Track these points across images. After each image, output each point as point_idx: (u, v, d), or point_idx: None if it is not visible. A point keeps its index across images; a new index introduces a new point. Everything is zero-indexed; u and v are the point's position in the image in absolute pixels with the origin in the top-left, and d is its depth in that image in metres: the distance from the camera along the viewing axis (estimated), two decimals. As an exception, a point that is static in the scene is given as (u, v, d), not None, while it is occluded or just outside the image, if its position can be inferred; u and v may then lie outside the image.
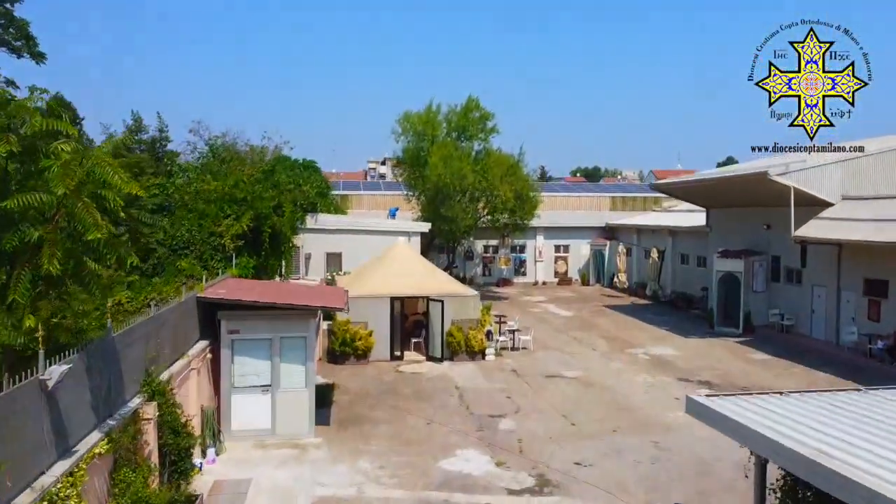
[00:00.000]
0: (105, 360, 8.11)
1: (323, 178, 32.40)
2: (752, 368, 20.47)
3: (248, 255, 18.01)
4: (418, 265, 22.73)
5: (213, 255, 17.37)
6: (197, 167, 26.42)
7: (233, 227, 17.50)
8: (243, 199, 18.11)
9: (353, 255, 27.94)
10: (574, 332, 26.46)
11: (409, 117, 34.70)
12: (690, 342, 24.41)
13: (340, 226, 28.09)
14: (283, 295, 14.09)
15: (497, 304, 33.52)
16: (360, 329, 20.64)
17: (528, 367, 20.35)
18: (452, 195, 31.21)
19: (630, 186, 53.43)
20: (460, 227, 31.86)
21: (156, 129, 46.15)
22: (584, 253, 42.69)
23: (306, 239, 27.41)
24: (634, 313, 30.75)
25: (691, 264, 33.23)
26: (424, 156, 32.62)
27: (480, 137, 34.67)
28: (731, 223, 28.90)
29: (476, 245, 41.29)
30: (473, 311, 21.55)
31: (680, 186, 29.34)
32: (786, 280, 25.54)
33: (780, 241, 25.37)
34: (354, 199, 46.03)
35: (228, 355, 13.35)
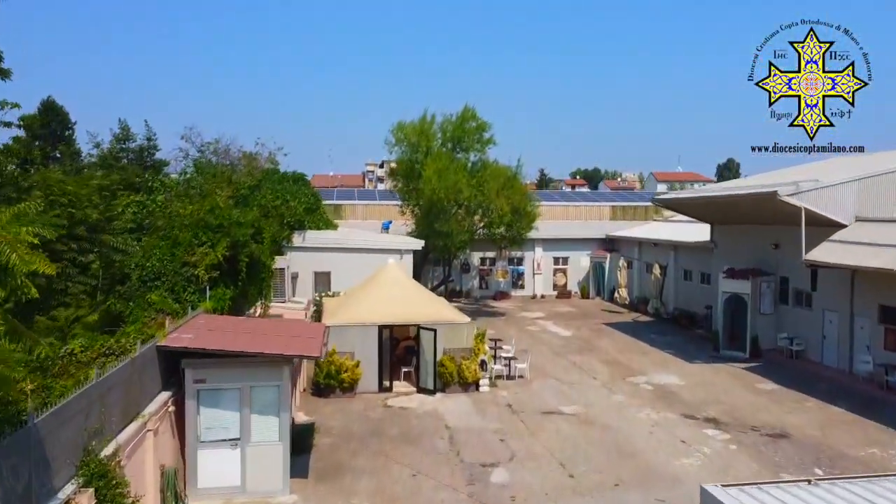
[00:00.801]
0: (24, 454, 6.94)
1: (312, 192, 31.25)
2: (761, 401, 19.30)
3: (225, 285, 16.84)
4: (409, 289, 21.56)
5: (186, 287, 16.19)
6: (178, 183, 25.26)
7: (208, 255, 16.33)
8: (219, 225, 16.95)
9: (342, 274, 26.78)
10: (573, 355, 25.30)
11: (403, 127, 33.54)
12: (695, 368, 23.24)
13: (329, 243, 26.91)
14: (257, 338, 12.94)
15: (493, 320, 32.45)
16: (347, 360, 19.47)
17: (524, 401, 19.18)
18: (447, 209, 30.06)
19: (631, 195, 52.28)
20: (455, 242, 30.71)
21: (143, 138, 45.07)
22: (584, 265, 41.53)
23: (293, 258, 26.26)
24: (636, 333, 29.58)
25: (694, 280, 32.06)
26: (419, 168, 31.47)
27: (476, 148, 33.52)
28: (736, 240, 27.75)
29: (473, 257, 40.15)
30: (467, 339, 20.38)
31: (684, 202, 28.18)
32: (795, 303, 24.38)
33: (788, 261, 24.21)
34: (348, 209, 44.96)
35: (194, 407, 12.18)
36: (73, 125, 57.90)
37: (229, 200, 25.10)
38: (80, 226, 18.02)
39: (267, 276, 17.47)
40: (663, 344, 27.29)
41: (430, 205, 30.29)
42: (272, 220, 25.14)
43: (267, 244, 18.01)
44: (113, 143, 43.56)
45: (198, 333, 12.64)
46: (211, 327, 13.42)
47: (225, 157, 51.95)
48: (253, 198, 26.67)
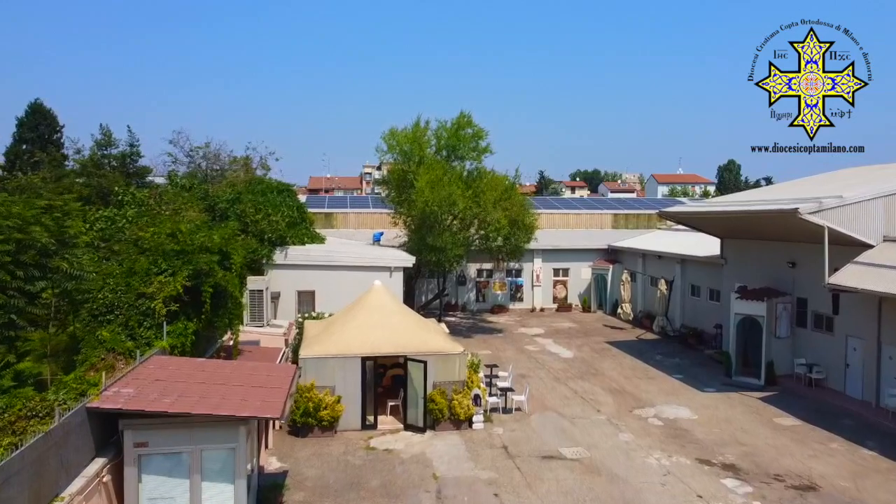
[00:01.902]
0: None
1: (297, 205, 29.45)
2: (783, 441, 17.52)
3: (188, 318, 15.04)
4: (396, 314, 19.77)
5: (142, 322, 14.41)
6: (150, 197, 23.50)
7: (166, 286, 14.54)
8: (181, 251, 15.16)
9: (327, 293, 25.05)
10: (575, 381, 23.53)
11: (395, 134, 31.74)
12: (707, 399, 21.47)
13: (313, 261, 25.12)
14: (211, 391, 11.15)
15: (489, 338, 30.73)
16: (326, 396, 17.71)
17: (521, 442, 17.40)
18: (440, 222, 28.29)
19: (634, 202, 50.51)
20: (449, 257, 28.93)
21: (126, 144, 43.34)
22: (585, 277, 39.77)
23: (274, 276, 24.51)
24: (641, 354, 27.80)
25: (703, 297, 30.30)
26: (411, 178, 29.68)
27: (472, 157, 31.72)
28: (749, 256, 26.00)
29: (469, 269, 38.40)
30: (459, 371, 18.61)
31: (693, 217, 26.40)
32: (814, 326, 22.61)
33: (807, 281, 22.48)
34: (340, 217, 43.23)
35: (134, 475, 10.41)
36: (61, 129, 56.31)
37: (204, 215, 23.37)
38: (30, 250, 16.24)
39: (235, 307, 15.67)
40: (671, 367, 25.53)
41: (422, 217, 28.51)
42: (249, 239, 23.41)
43: (236, 270, 16.22)
44: (94, 150, 41.86)
45: (141, 387, 10.87)
46: (160, 376, 11.64)
47: (215, 161, 50.35)
48: (232, 211, 24.94)
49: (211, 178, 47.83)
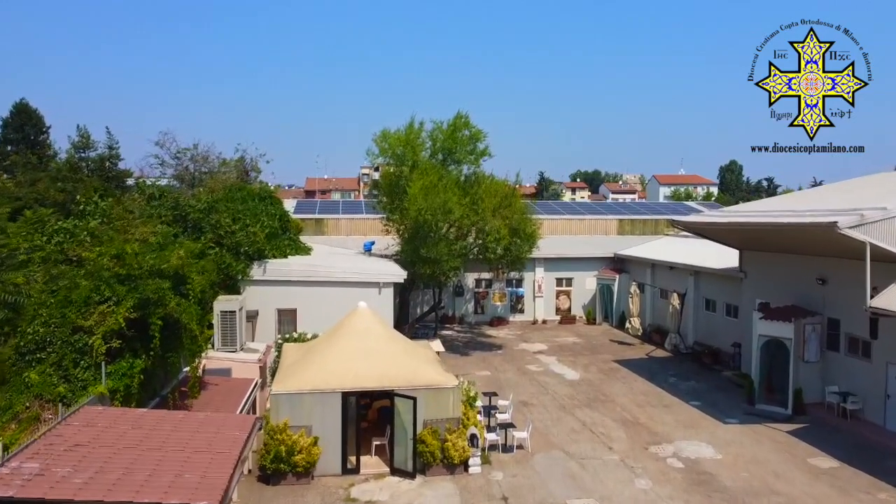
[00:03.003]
0: None
1: (281, 213, 27.25)
2: (822, 489, 15.32)
3: (134, 354, 12.86)
4: (383, 341, 17.56)
5: (79, 361, 12.24)
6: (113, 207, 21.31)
7: (108, 317, 12.37)
8: (127, 276, 12.99)
9: (310, 311, 22.86)
10: (583, 410, 21.34)
11: (388, 136, 29.50)
12: (730, 432, 19.29)
13: (295, 276, 22.89)
14: (141, 459, 8.96)
15: (488, 356, 28.57)
16: (301, 437, 15.50)
17: (524, 491, 15.20)
18: (435, 232, 26.07)
19: (640, 207, 48.35)
20: (444, 270, 26.73)
21: (105, 146, 41.18)
22: (590, 287, 37.54)
23: (251, 294, 22.30)
24: (653, 375, 25.59)
25: (718, 312, 28.10)
26: (403, 184, 27.48)
27: (470, 160, 29.51)
28: (771, 271, 23.81)
29: (467, 279, 36.16)
30: (453, 407, 16.41)
31: (708, 227, 24.18)
32: (848, 351, 20.43)
33: (840, 300, 20.33)
34: (331, 224, 41.10)
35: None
36: (48, 129, 54.14)
37: (171, 227, 21.20)
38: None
39: (190, 342, 13.46)
40: (687, 392, 23.33)
41: (415, 227, 26.30)
42: (223, 253, 21.22)
43: (195, 296, 14.02)
44: (70, 152, 39.61)
45: (51, 458, 8.69)
46: (82, 439, 9.46)
47: (203, 164, 48.13)
48: (206, 222, 22.75)
49: (199, 181, 45.72)
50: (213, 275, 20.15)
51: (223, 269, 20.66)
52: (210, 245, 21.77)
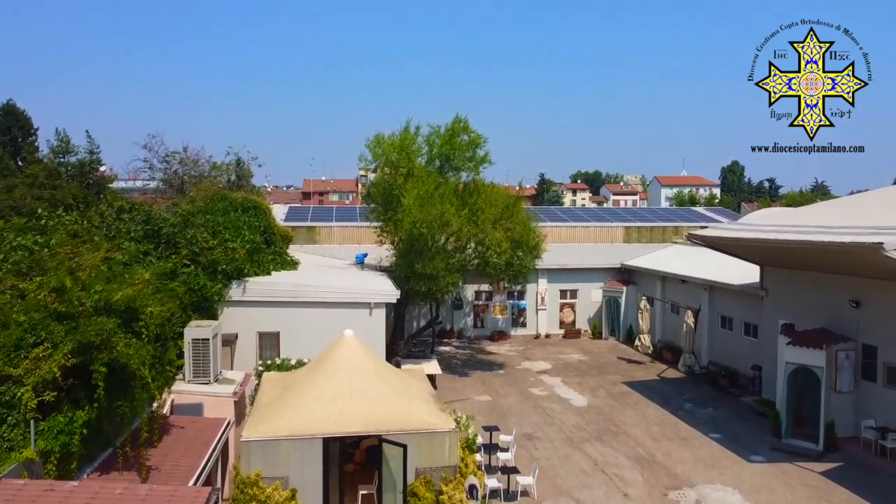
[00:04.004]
0: None
1: (266, 224, 25.33)
2: (870, 550, 13.45)
3: (76, 405, 10.95)
4: (370, 375, 15.61)
5: (6, 418, 10.32)
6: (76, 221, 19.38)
7: (42, 364, 10.47)
8: (66, 314, 11.09)
9: (295, 334, 20.93)
10: (593, 444, 19.43)
11: (382, 142, 27.58)
12: (757, 472, 17.37)
13: (278, 296, 20.93)
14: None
15: (488, 377, 26.70)
16: (276, 491, 13.57)
17: (530, 554, 13.32)
18: (431, 246, 24.16)
19: (646, 213, 46.43)
20: (441, 286, 24.82)
21: (85, 151, 39.24)
22: (595, 300, 35.64)
23: (231, 315, 20.39)
24: (667, 402, 23.64)
25: (736, 331, 26.19)
26: (397, 193, 25.57)
27: (469, 167, 27.59)
28: (796, 289, 21.93)
29: (466, 291, 34.24)
30: (450, 454, 14.49)
31: (728, 243, 22.24)
32: (886, 382, 18.54)
33: (877, 325, 18.48)
34: (324, 232, 39.18)
35: None
36: (36, 131, 52.23)
37: (142, 245, 19.28)
38: None
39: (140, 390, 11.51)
40: (705, 421, 21.42)
41: (410, 240, 24.40)
42: (198, 273, 19.29)
43: (150, 334, 12.08)
44: (49, 158, 37.66)
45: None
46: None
47: (193, 168, 46.14)
48: (182, 237, 20.81)
49: (188, 185, 43.81)
50: (186, 297, 18.26)
51: (197, 290, 18.73)
52: (185, 262, 19.85)
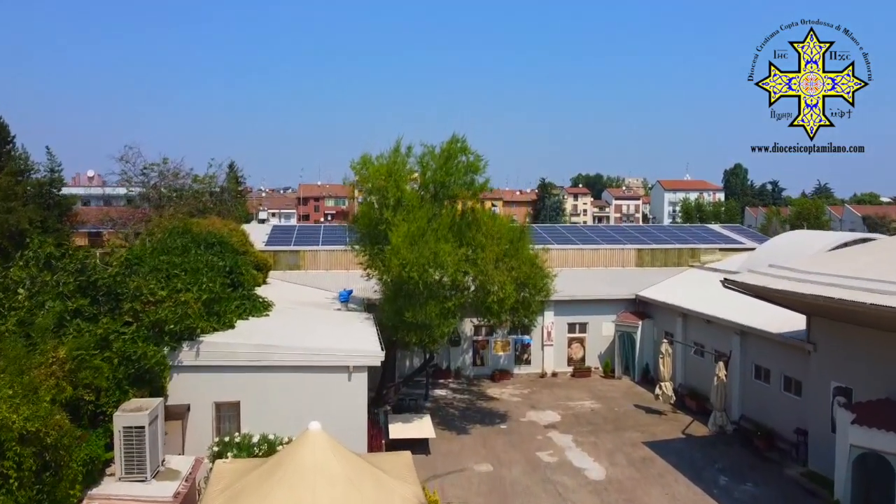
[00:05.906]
0: None
1: (233, 263, 21.99)
2: None
3: None
4: (338, 484, 12.23)
5: None
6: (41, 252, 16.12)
7: None
8: None
9: (258, 403, 17.53)
10: (615, 543, 16.06)
11: (368, 163, 24.18)
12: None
13: (238, 359, 17.51)
14: None
15: (489, 435, 23.40)
16: None
17: None
18: (422, 292, 20.79)
19: (662, 233, 43.01)
20: (434, 336, 21.47)
21: (46, 170, 36.00)
22: (607, 334, 32.30)
23: (181, 382, 17.02)
24: (699, 473, 20.21)
25: (773, 384, 22.79)
26: (384, 228, 22.21)
27: (466, 195, 24.19)
28: (852, 346, 18.55)
29: (464, 325, 30.85)
30: None
31: (772, 293, 18.73)
32: (979, 475, 15.17)
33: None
34: (309, 256, 35.88)
35: None
36: (13, 139, 49.21)
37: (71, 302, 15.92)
38: None
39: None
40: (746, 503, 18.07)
41: (398, 284, 21.05)
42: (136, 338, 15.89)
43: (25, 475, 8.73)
44: (7, 178, 34.34)
45: None
46: None
47: (174, 180, 42.73)
48: (124, 287, 17.41)
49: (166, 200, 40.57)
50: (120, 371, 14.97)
51: (135, 360, 15.36)
52: (126, 321, 16.51)
